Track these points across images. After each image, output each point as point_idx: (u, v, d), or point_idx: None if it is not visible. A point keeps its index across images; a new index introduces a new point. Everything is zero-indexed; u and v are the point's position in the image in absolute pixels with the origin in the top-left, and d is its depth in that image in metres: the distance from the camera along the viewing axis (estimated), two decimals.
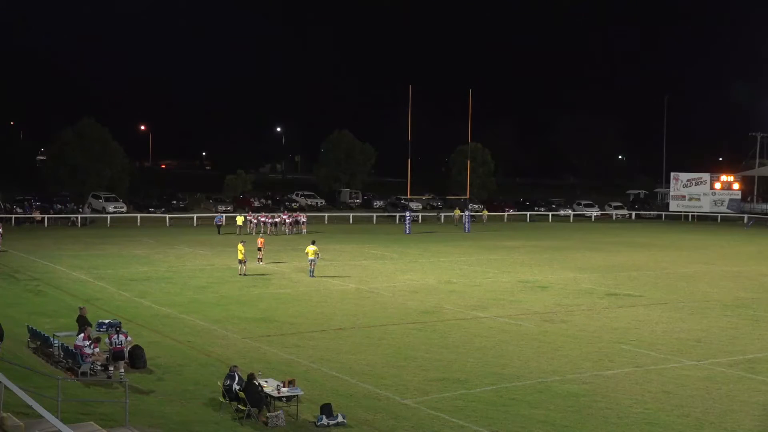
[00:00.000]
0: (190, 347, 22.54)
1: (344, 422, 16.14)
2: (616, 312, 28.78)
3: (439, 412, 17.02)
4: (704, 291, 33.96)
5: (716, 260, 45.42)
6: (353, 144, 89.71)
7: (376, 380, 19.38)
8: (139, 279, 34.76)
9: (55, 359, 20.44)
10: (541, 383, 19.33)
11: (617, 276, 38.00)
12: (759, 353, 22.76)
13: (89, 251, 44.70)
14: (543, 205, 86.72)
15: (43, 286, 32.68)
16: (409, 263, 41.65)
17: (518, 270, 39.67)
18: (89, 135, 73.63)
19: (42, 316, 26.01)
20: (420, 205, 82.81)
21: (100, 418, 15.16)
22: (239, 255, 35.72)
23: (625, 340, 23.97)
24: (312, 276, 35.42)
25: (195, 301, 29.76)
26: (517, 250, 48.74)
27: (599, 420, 16.76)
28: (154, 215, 69.34)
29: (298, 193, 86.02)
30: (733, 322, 27.26)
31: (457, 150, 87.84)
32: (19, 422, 13.94)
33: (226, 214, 69.59)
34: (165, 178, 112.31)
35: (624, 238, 58.81)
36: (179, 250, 45.81)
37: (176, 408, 17.12)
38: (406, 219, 62.40)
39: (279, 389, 16.75)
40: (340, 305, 29.12)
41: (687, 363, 21.49)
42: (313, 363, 20.86)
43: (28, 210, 65.35)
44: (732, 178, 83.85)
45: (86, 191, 72.58)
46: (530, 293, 32.54)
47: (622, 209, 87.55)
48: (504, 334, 24.64)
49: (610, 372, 20.40)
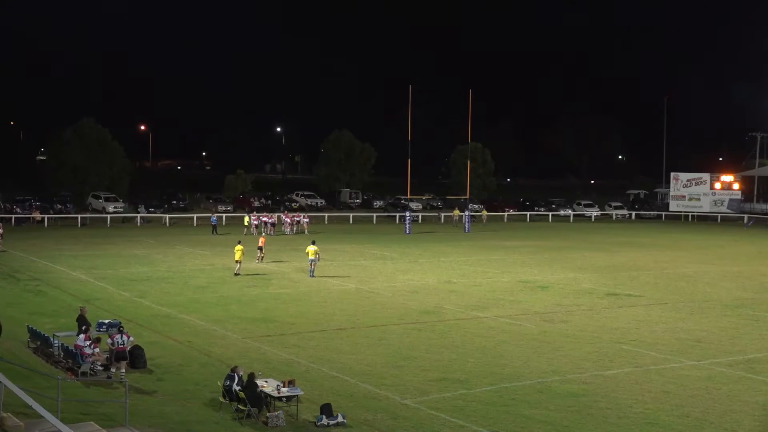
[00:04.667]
0: (190, 347, 22.54)
1: (344, 422, 16.14)
2: (616, 312, 28.78)
3: (439, 412, 17.02)
4: (704, 291, 33.96)
5: (716, 260, 45.41)
6: (353, 144, 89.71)
7: (376, 380, 19.37)
8: (139, 279, 34.76)
9: (55, 359, 20.44)
10: (541, 383, 19.32)
11: (617, 276, 38.00)
12: (759, 353, 22.76)
13: (89, 251, 44.71)
14: (543, 205, 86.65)
15: (43, 286, 32.68)
16: (409, 263, 41.65)
17: (518, 270, 39.66)
18: (89, 135, 73.66)
19: (42, 316, 26.01)
20: (420, 205, 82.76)
21: (100, 418, 15.16)
22: (237, 255, 35.76)
23: (625, 340, 23.96)
24: (312, 276, 35.43)
25: (195, 301, 29.77)
26: (517, 250, 48.74)
27: (599, 420, 16.76)
28: (154, 215, 69.37)
29: (298, 193, 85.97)
30: (733, 322, 27.25)
31: (457, 150, 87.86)
32: (19, 422, 13.95)
33: (225, 214, 69.72)
34: (165, 178, 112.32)
35: (624, 238, 58.80)
36: (179, 250, 45.82)
37: (176, 408, 17.12)
38: (406, 219, 62.37)
39: (279, 389, 16.75)
40: (340, 305, 29.11)
41: (687, 363, 21.49)
42: (313, 363, 20.86)
43: (28, 210, 65.29)
44: (732, 178, 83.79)
45: (86, 191, 72.62)
46: (530, 293, 32.53)
47: (622, 209, 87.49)
48: (504, 334, 24.64)
49: (610, 372, 20.40)
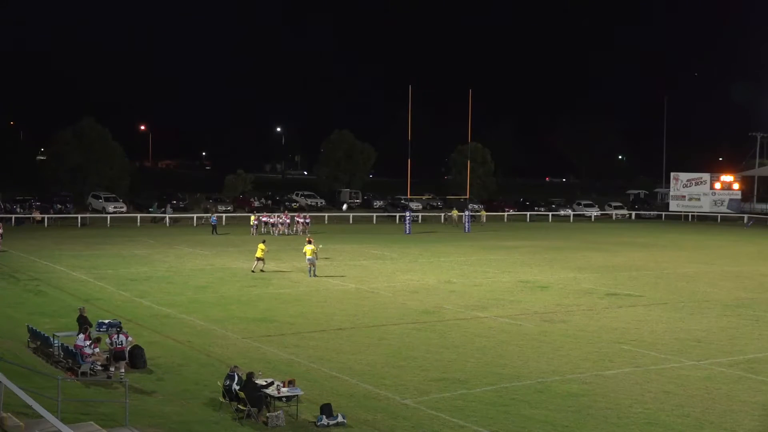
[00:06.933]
0: (190, 347, 22.53)
1: (344, 422, 16.13)
2: (616, 312, 28.78)
3: (439, 412, 17.01)
4: (704, 291, 33.95)
5: (716, 260, 45.40)
6: (353, 144, 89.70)
7: (376, 380, 19.36)
8: (139, 279, 34.76)
9: (55, 359, 20.42)
10: (541, 383, 19.32)
11: (617, 276, 37.99)
12: (759, 353, 22.75)
13: (89, 251, 44.70)
14: (543, 205, 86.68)
15: (43, 286, 32.67)
16: (409, 263, 41.64)
17: (518, 270, 39.66)
18: (89, 135, 73.68)
19: (42, 316, 25.99)
20: (420, 205, 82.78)
21: (100, 418, 15.15)
22: (259, 253, 36.51)
23: (625, 340, 23.96)
24: (312, 276, 35.43)
25: (195, 301, 29.76)
26: (517, 250, 48.73)
27: (599, 420, 16.75)
28: (154, 215, 69.36)
29: (298, 193, 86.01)
30: (733, 322, 27.24)
31: (457, 150, 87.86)
32: (19, 422, 13.95)
33: (225, 214, 69.73)
34: (165, 178, 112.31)
35: (624, 238, 58.80)
36: (179, 250, 45.81)
37: (176, 408, 17.11)
38: (406, 219, 62.36)
39: (279, 389, 16.74)
40: (340, 305, 29.10)
41: (687, 363, 21.48)
42: (313, 363, 20.85)
43: (28, 210, 65.28)
44: (732, 178, 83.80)
45: (86, 191, 72.62)
46: (530, 293, 32.53)
47: (622, 209, 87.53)
48: (504, 334, 24.63)
49: (610, 372, 20.39)
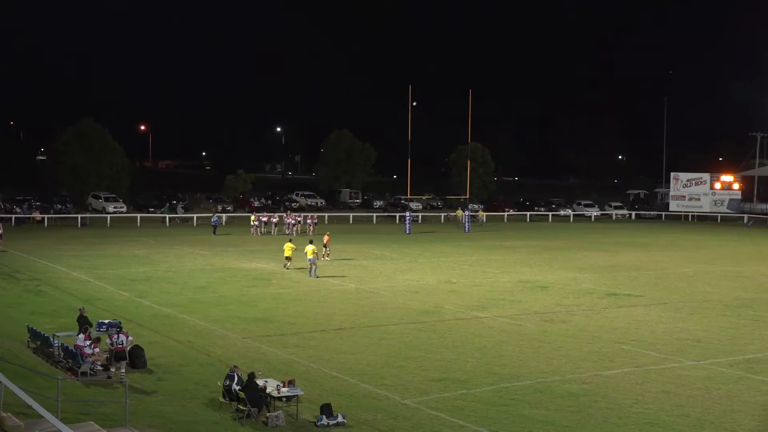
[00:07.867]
0: (190, 347, 22.54)
1: (344, 422, 16.14)
2: (616, 312, 28.78)
3: (439, 412, 17.01)
4: (704, 291, 33.95)
5: (716, 260, 45.40)
6: (353, 144, 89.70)
7: (376, 380, 19.37)
8: (139, 279, 34.76)
9: (55, 359, 20.43)
10: (541, 383, 19.32)
11: (617, 276, 37.99)
12: (759, 353, 22.76)
13: (89, 251, 44.68)
14: (543, 205, 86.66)
15: (43, 286, 32.66)
16: (409, 263, 41.64)
17: (518, 270, 39.66)
18: (89, 135, 73.55)
19: (42, 316, 25.99)
20: (420, 205, 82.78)
21: (100, 418, 15.15)
22: (287, 252, 37.46)
23: (625, 340, 23.96)
24: (312, 276, 35.43)
25: (195, 301, 29.76)
26: (517, 250, 48.73)
27: (599, 420, 16.76)
28: (154, 215, 69.34)
29: (298, 193, 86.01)
30: (733, 322, 27.25)
31: (457, 150, 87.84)
32: (19, 422, 13.94)
33: (226, 214, 69.73)
34: (165, 178, 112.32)
35: (624, 238, 58.78)
36: (179, 250, 45.80)
37: (176, 408, 17.12)
38: (406, 219, 62.35)
39: (279, 389, 16.75)
40: (340, 305, 29.11)
41: (687, 363, 21.49)
42: (313, 363, 20.86)
43: (28, 210, 65.23)
44: (732, 178, 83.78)
45: (86, 191, 72.60)
46: (530, 293, 32.53)
47: (622, 209, 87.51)
48: (504, 334, 24.63)
49: (610, 372, 20.40)
